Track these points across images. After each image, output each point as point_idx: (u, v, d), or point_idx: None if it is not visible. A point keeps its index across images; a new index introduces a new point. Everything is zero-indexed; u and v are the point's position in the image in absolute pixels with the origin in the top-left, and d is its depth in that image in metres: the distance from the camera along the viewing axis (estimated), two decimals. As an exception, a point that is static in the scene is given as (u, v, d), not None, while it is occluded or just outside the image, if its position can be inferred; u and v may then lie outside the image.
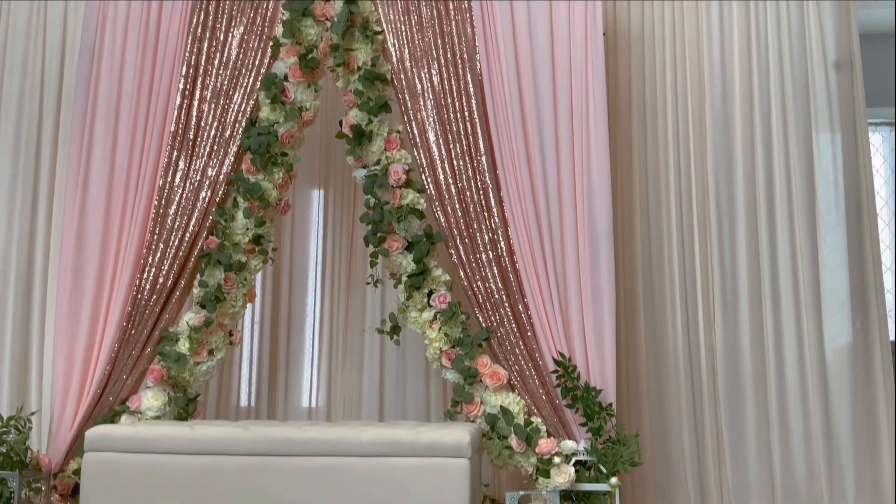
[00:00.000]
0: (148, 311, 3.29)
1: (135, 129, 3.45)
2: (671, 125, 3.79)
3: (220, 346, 3.36)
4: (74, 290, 3.34)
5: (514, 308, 3.23)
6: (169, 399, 3.25)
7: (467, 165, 3.32)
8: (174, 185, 3.38)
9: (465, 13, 3.40)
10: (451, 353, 3.23)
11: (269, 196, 3.35)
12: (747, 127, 3.73)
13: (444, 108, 3.36)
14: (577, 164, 3.30)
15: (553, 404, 3.15)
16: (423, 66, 3.40)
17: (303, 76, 3.37)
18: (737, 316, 3.64)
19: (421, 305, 3.28)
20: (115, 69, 3.50)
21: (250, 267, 3.36)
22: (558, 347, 3.19)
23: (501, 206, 3.30)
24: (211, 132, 3.40)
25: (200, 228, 3.34)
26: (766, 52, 3.75)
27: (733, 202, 3.69)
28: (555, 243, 3.27)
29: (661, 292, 3.68)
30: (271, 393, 3.83)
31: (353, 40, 3.38)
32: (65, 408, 3.28)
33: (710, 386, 3.61)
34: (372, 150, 3.34)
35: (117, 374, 3.28)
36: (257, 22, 3.47)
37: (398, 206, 3.29)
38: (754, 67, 3.75)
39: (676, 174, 3.75)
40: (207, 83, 3.44)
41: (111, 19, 3.54)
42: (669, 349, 3.64)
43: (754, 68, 3.75)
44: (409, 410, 3.76)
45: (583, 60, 3.34)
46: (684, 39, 3.82)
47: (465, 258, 3.27)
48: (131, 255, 3.34)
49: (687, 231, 3.72)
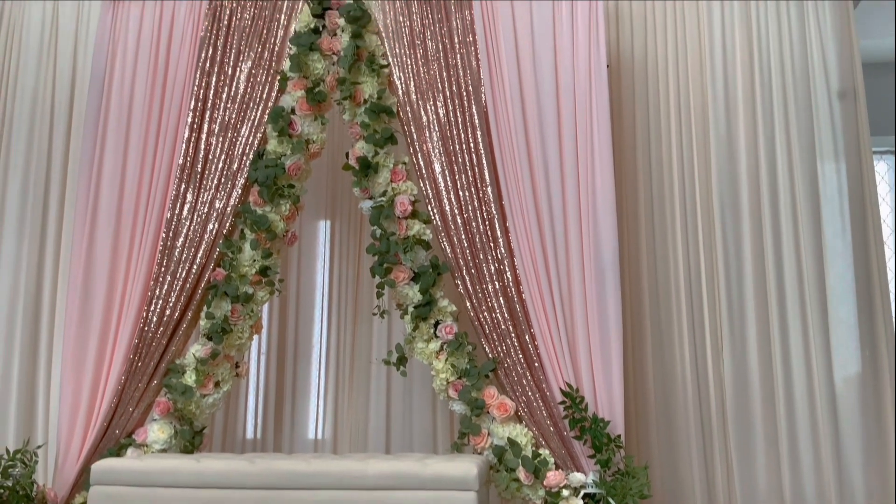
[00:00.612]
0: (155, 343, 3.30)
1: (143, 162, 3.49)
2: (675, 155, 3.80)
3: (226, 378, 3.36)
4: (82, 322, 3.34)
5: (521, 338, 3.22)
6: (175, 432, 3.24)
7: (473, 196, 3.33)
8: (182, 217, 3.40)
9: (470, 47, 3.44)
10: (457, 384, 3.22)
11: (276, 228, 3.37)
12: (752, 156, 3.74)
13: (449, 140, 3.38)
14: (583, 193, 3.31)
15: (561, 436, 3.13)
16: (428, 99, 3.43)
17: (310, 109, 3.41)
18: (745, 345, 3.62)
19: (427, 336, 3.28)
20: (125, 102, 3.54)
21: (257, 298, 3.37)
22: (566, 378, 3.17)
23: (507, 236, 3.31)
24: (219, 165, 3.43)
25: (208, 260, 3.35)
26: (770, 81, 3.78)
27: (739, 231, 3.69)
28: (561, 273, 3.27)
29: (668, 322, 3.67)
30: (277, 425, 3.82)
31: (360, 74, 3.42)
32: (71, 441, 3.27)
33: (718, 416, 3.58)
34: (378, 181, 3.36)
35: (123, 406, 3.27)
36: (265, 56, 3.51)
37: (404, 237, 3.30)
38: (758, 97, 3.78)
39: (682, 204, 3.76)
40: (216, 116, 3.48)
41: (121, 52, 3.59)
42: (677, 379, 3.62)
43: (758, 98, 3.78)
44: (415, 442, 3.73)
45: (587, 91, 3.37)
46: (687, 69, 3.86)
47: (472, 289, 3.27)
48: (139, 287, 3.36)
49: (693, 261, 3.72)
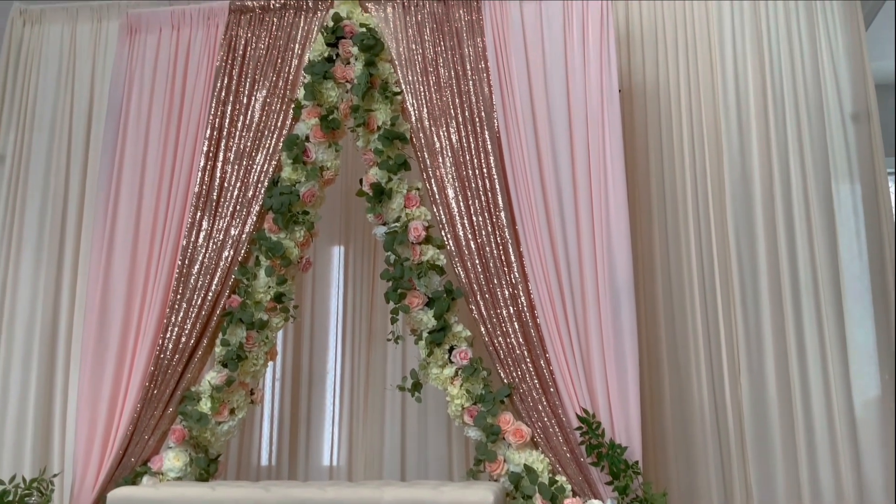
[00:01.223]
0: (170, 370, 3.31)
1: (159, 190, 3.53)
2: (689, 178, 3.80)
3: (241, 405, 3.35)
4: (98, 349, 3.36)
5: (536, 363, 3.21)
6: (190, 459, 3.23)
7: (486, 221, 3.34)
8: (197, 244, 3.43)
9: (482, 73, 3.47)
10: (473, 409, 3.20)
11: (290, 254, 3.39)
12: (766, 179, 3.73)
13: (462, 165, 3.40)
14: (596, 217, 3.31)
15: (578, 462, 3.10)
16: (441, 125, 3.45)
17: (324, 136, 3.44)
18: (762, 369, 3.59)
19: (442, 362, 3.27)
20: (141, 131, 3.59)
21: (272, 325, 3.38)
22: (582, 403, 3.15)
23: (521, 260, 3.31)
24: (234, 192, 3.46)
25: (223, 287, 3.37)
26: (783, 103, 3.79)
27: (755, 254, 3.68)
28: (576, 298, 3.26)
29: (684, 345, 3.65)
30: (292, 451, 3.81)
31: (373, 101, 3.46)
32: (87, 469, 3.27)
33: (737, 440, 3.54)
34: (392, 207, 3.38)
35: (139, 434, 3.27)
36: (279, 85, 3.56)
37: (418, 262, 3.30)
38: (770, 120, 3.78)
39: (696, 228, 3.75)
40: (231, 145, 3.52)
41: (137, 82, 3.65)
42: (695, 403, 3.59)
43: (771, 121, 3.78)
44: (431, 469, 3.71)
45: (599, 116, 3.38)
46: (699, 93, 3.87)
47: (486, 314, 3.27)
48: (154, 314, 3.38)
49: (709, 284, 3.70)
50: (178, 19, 3.69)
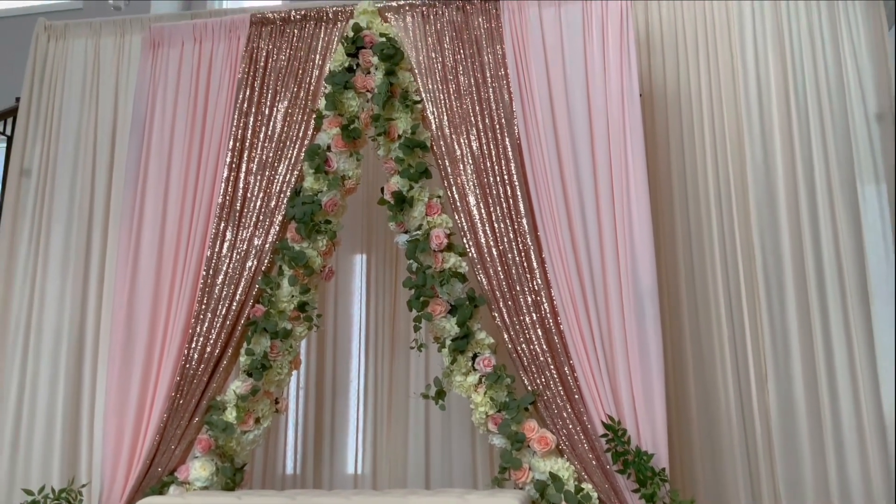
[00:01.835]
0: (196, 380, 3.33)
1: (183, 201, 3.56)
2: (712, 182, 3.78)
3: (266, 414, 3.37)
4: (125, 360, 3.40)
5: (560, 370, 3.20)
6: (217, 469, 3.25)
7: (508, 228, 3.34)
8: (221, 255, 3.45)
9: (502, 80, 3.47)
10: (497, 417, 3.19)
11: (313, 263, 3.40)
12: (790, 183, 3.70)
13: (483, 173, 3.40)
14: (619, 223, 3.30)
15: (604, 469, 3.08)
16: (461, 133, 3.46)
17: (345, 146, 3.46)
18: (789, 374, 3.55)
19: (465, 369, 3.26)
20: (165, 143, 3.63)
21: (296, 334, 3.39)
22: (607, 410, 3.13)
23: (543, 267, 3.30)
24: (257, 203, 3.49)
25: (247, 297, 3.39)
26: (805, 106, 3.75)
27: (779, 257, 3.64)
28: (599, 304, 3.24)
29: (710, 351, 3.62)
30: (317, 460, 3.82)
31: (394, 110, 3.47)
32: (114, 479, 3.30)
33: (765, 446, 3.51)
34: (413, 215, 3.38)
35: (166, 444, 3.30)
36: (301, 96, 3.58)
37: (440, 270, 3.31)
38: (794, 122, 3.74)
39: (720, 231, 3.73)
40: (253, 156, 3.55)
41: (161, 95, 3.69)
42: (721, 409, 3.55)
43: (794, 123, 3.74)
44: (455, 476, 3.70)
45: (620, 121, 3.37)
46: (721, 97, 3.84)
47: (509, 321, 3.26)
48: (180, 324, 3.40)
49: (734, 288, 3.67)
50: (201, 32, 3.73)
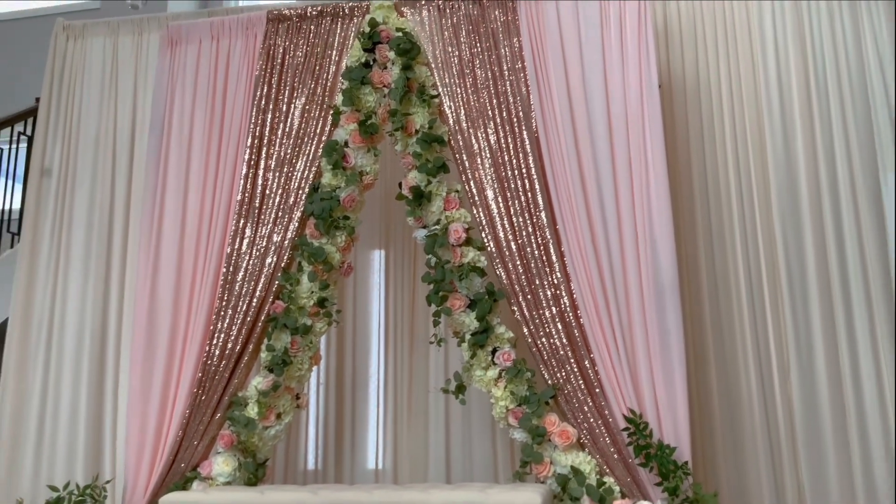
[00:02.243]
0: (218, 376, 3.35)
1: (203, 199, 3.58)
2: (732, 172, 3.75)
3: (287, 409, 3.38)
4: (147, 357, 3.42)
5: (581, 364, 3.18)
6: (239, 464, 3.27)
7: (527, 222, 3.32)
8: (241, 251, 3.47)
9: (519, 73, 3.46)
10: (517, 411, 3.19)
11: (332, 259, 3.41)
12: (811, 173, 3.66)
13: (501, 166, 3.39)
14: (639, 215, 3.28)
15: (626, 463, 3.07)
16: (479, 127, 3.45)
17: (363, 142, 3.46)
18: (812, 365, 3.51)
19: (485, 363, 3.26)
20: (184, 141, 3.65)
21: (315, 330, 3.40)
22: (628, 404, 3.11)
23: (563, 260, 3.29)
24: (275, 199, 3.50)
25: (267, 293, 3.40)
26: (826, 94, 3.71)
27: (802, 248, 3.61)
28: (619, 297, 3.22)
29: (731, 343, 3.59)
30: (338, 455, 3.83)
31: (411, 105, 3.47)
32: (138, 475, 3.32)
33: (788, 438, 3.48)
34: (431, 210, 3.38)
35: (188, 440, 3.32)
36: (318, 92, 3.58)
37: (459, 264, 3.30)
38: (815, 113, 3.70)
39: (741, 222, 3.70)
40: (272, 152, 3.56)
41: (179, 93, 3.71)
42: (744, 402, 3.53)
43: (815, 114, 3.70)
44: (476, 471, 3.70)
45: (639, 111, 3.34)
46: (741, 85, 3.81)
47: (529, 314, 3.25)
48: (201, 321, 3.42)
49: (756, 280, 3.64)
50: (218, 30, 3.74)
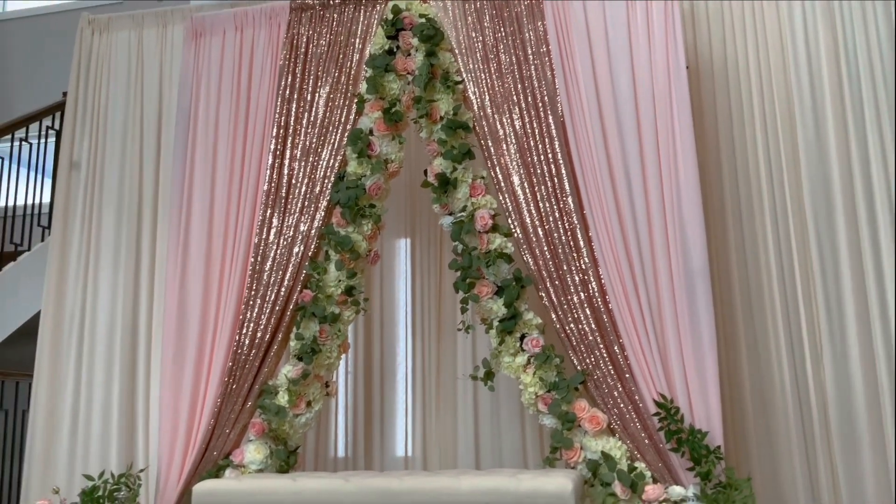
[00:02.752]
0: (248, 365, 3.37)
1: (230, 190, 3.60)
2: (762, 156, 3.69)
3: (317, 397, 3.41)
4: (178, 347, 3.46)
5: (610, 349, 3.17)
6: (271, 452, 3.30)
7: (553, 207, 3.30)
8: (269, 241, 3.49)
9: (544, 57, 3.43)
10: (546, 397, 3.18)
11: (359, 248, 3.41)
12: (843, 153, 3.58)
13: (527, 152, 3.37)
14: (667, 199, 3.24)
15: (657, 448, 3.05)
16: (504, 112, 3.42)
17: (387, 129, 3.45)
18: (845, 347, 3.46)
19: (514, 350, 3.25)
20: (210, 132, 3.67)
21: (344, 318, 3.42)
22: (658, 389, 3.09)
23: (591, 245, 3.26)
24: (302, 189, 3.51)
25: (295, 283, 3.42)
26: (858, 75, 3.62)
27: (833, 230, 3.54)
28: (648, 281, 3.20)
29: (762, 326, 3.55)
30: (367, 443, 3.85)
31: (435, 91, 3.45)
32: (171, 463, 3.37)
33: (821, 423, 3.44)
34: (457, 197, 3.37)
35: (220, 428, 3.35)
36: (342, 81, 3.58)
37: (486, 251, 3.29)
38: (846, 92, 3.62)
39: (771, 206, 3.64)
40: (297, 142, 3.56)
41: (204, 85, 3.73)
42: (776, 386, 3.49)
43: (846, 93, 3.61)
44: (505, 457, 3.71)
45: (666, 95, 3.30)
46: (770, 67, 3.74)
47: (557, 300, 3.24)
48: (230, 311, 3.45)
49: (787, 263, 3.59)
50: (241, 20, 3.75)
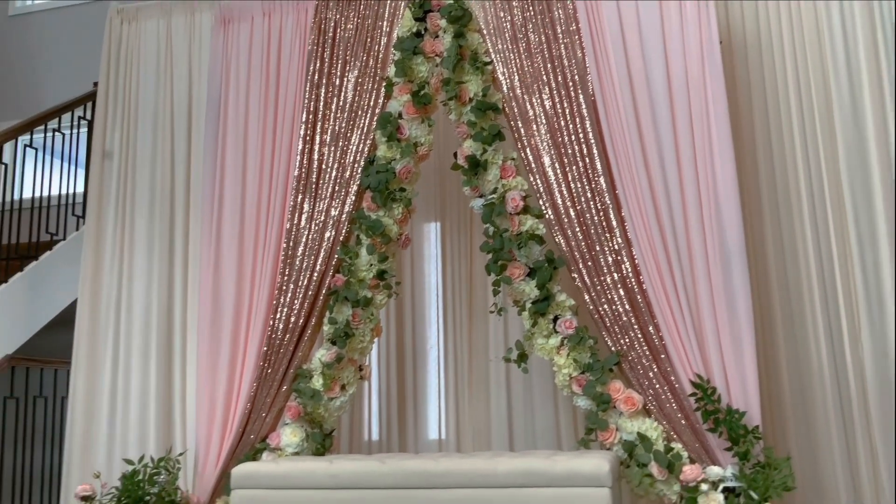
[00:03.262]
0: (282, 349, 3.40)
1: (261, 176, 3.61)
2: (798, 133, 3.62)
3: (351, 381, 3.43)
4: (213, 333, 3.49)
5: (645, 330, 3.14)
6: (307, 435, 3.33)
7: (585, 187, 3.28)
8: (300, 226, 3.50)
9: (574, 36, 3.39)
10: (581, 378, 3.17)
11: (390, 232, 3.42)
12: (881, 132, 3.50)
13: (557, 132, 3.34)
14: (701, 177, 3.20)
15: (693, 429, 3.03)
16: (534, 92, 3.39)
17: (416, 112, 3.44)
18: (884, 324, 3.40)
19: (547, 332, 3.24)
20: (240, 119, 3.68)
21: (376, 302, 3.43)
22: (695, 369, 3.07)
23: (623, 226, 3.23)
24: (332, 174, 3.51)
25: (327, 267, 3.44)
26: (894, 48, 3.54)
27: (871, 205, 3.47)
28: (683, 261, 3.16)
29: (799, 306, 3.50)
30: (401, 426, 3.87)
31: (464, 73, 3.43)
32: (209, 447, 3.41)
33: (860, 403, 3.39)
34: (488, 179, 3.35)
35: (256, 412, 3.39)
36: (370, 64, 3.57)
37: (517, 232, 3.28)
38: (882, 64, 3.54)
39: (808, 183, 3.58)
40: (326, 127, 3.57)
41: (234, 72, 3.74)
42: (813, 366, 3.44)
43: (882, 65, 3.54)
44: (538, 439, 3.71)
45: (699, 71, 3.25)
46: (804, 43, 3.66)
47: (590, 281, 3.22)
48: (264, 296, 3.47)
49: (823, 240, 3.53)
50: (269, 7, 3.75)
